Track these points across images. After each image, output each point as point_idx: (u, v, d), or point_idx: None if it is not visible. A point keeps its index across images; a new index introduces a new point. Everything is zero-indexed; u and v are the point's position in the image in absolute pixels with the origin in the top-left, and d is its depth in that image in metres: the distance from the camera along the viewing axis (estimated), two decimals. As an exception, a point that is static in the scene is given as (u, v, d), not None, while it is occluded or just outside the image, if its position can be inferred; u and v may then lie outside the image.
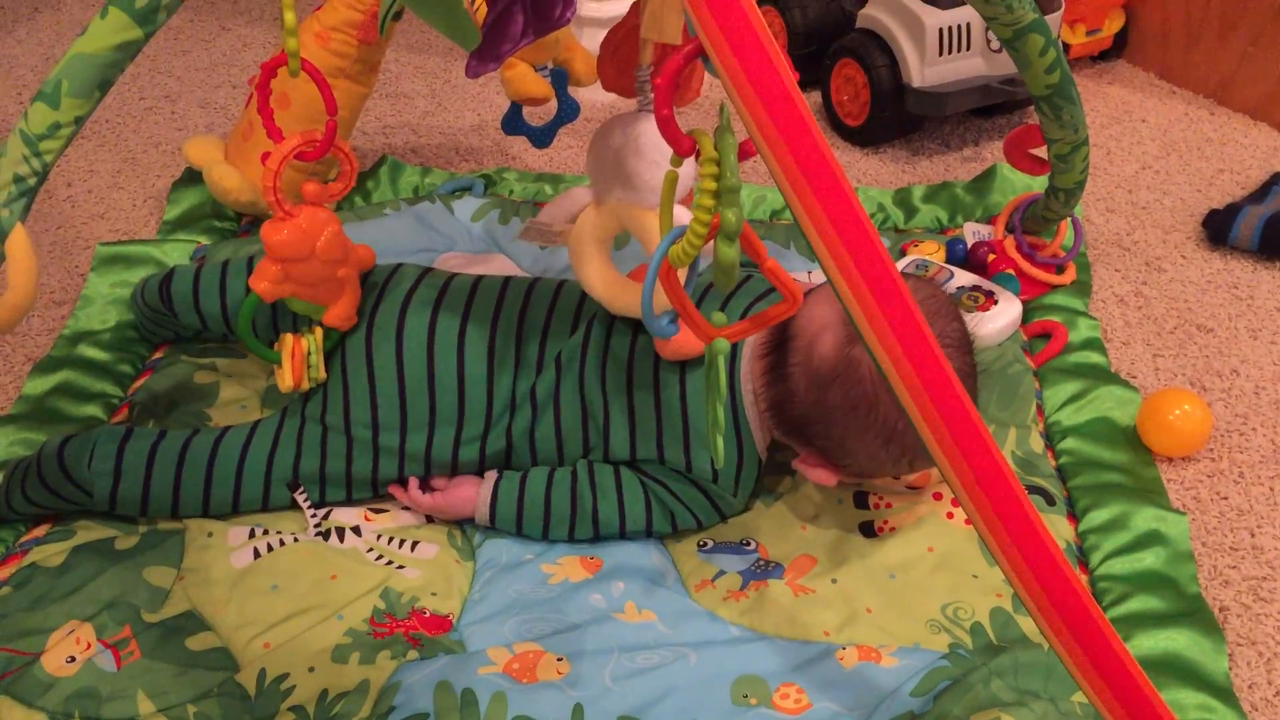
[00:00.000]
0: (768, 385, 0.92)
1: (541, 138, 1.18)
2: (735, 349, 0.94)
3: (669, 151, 0.82)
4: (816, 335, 0.89)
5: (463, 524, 0.98)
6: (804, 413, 0.90)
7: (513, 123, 1.19)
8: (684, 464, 0.93)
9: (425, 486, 0.97)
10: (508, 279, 1.01)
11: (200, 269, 1.10)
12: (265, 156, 1.33)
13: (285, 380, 0.92)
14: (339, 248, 0.92)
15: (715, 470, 0.92)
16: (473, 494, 0.95)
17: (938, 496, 0.98)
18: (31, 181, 0.80)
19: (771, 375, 0.92)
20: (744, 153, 0.70)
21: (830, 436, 0.90)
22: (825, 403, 0.88)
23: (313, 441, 0.95)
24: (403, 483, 0.97)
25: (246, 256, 1.10)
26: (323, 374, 0.94)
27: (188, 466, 0.94)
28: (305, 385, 0.94)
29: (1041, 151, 1.20)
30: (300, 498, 0.95)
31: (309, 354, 0.93)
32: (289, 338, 0.93)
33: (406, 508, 0.98)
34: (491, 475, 0.96)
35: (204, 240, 1.32)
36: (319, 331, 0.94)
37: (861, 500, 0.99)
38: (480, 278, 1.01)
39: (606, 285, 0.91)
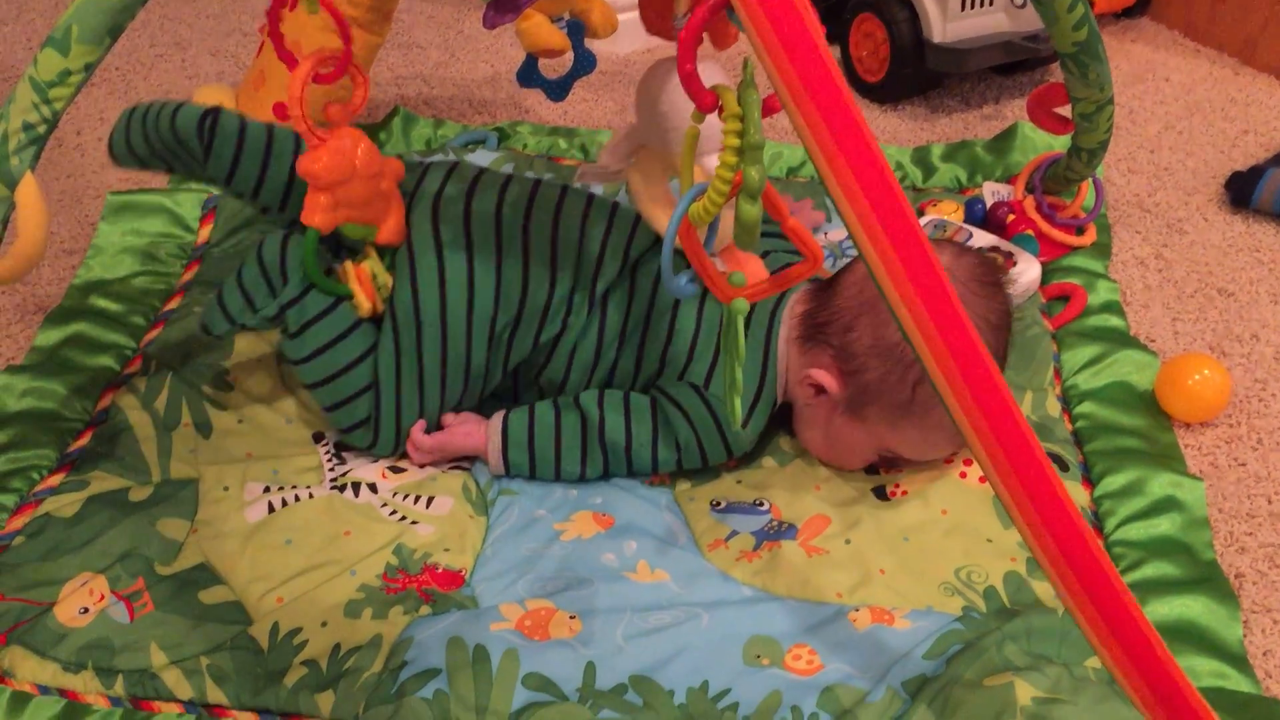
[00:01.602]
0: (809, 298, 0.95)
1: (557, 90, 1.17)
2: (782, 296, 0.97)
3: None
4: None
5: (477, 478, 0.98)
6: (839, 305, 0.93)
7: (528, 75, 1.17)
8: (704, 379, 0.94)
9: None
10: (564, 191, 1.00)
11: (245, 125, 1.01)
12: (278, 106, 1.32)
13: (363, 306, 0.94)
14: (375, 160, 0.92)
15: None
16: (476, 429, 0.96)
17: (948, 460, 0.98)
18: (41, 129, 0.80)
19: (815, 288, 0.95)
20: (768, 108, 0.68)
21: (851, 329, 0.91)
22: (862, 292, 0.91)
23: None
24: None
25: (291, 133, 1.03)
26: (388, 280, 0.94)
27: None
28: (381, 305, 0.95)
29: (1065, 110, 1.18)
30: (323, 452, 0.95)
31: (374, 276, 0.94)
32: (350, 266, 0.94)
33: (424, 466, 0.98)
34: (498, 413, 0.97)
35: (215, 190, 1.31)
36: (371, 251, 0.94)
37: (873, 469, 0.98)
38: (539, 181, 1.01)
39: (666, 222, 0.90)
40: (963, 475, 0.96)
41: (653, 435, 0.94)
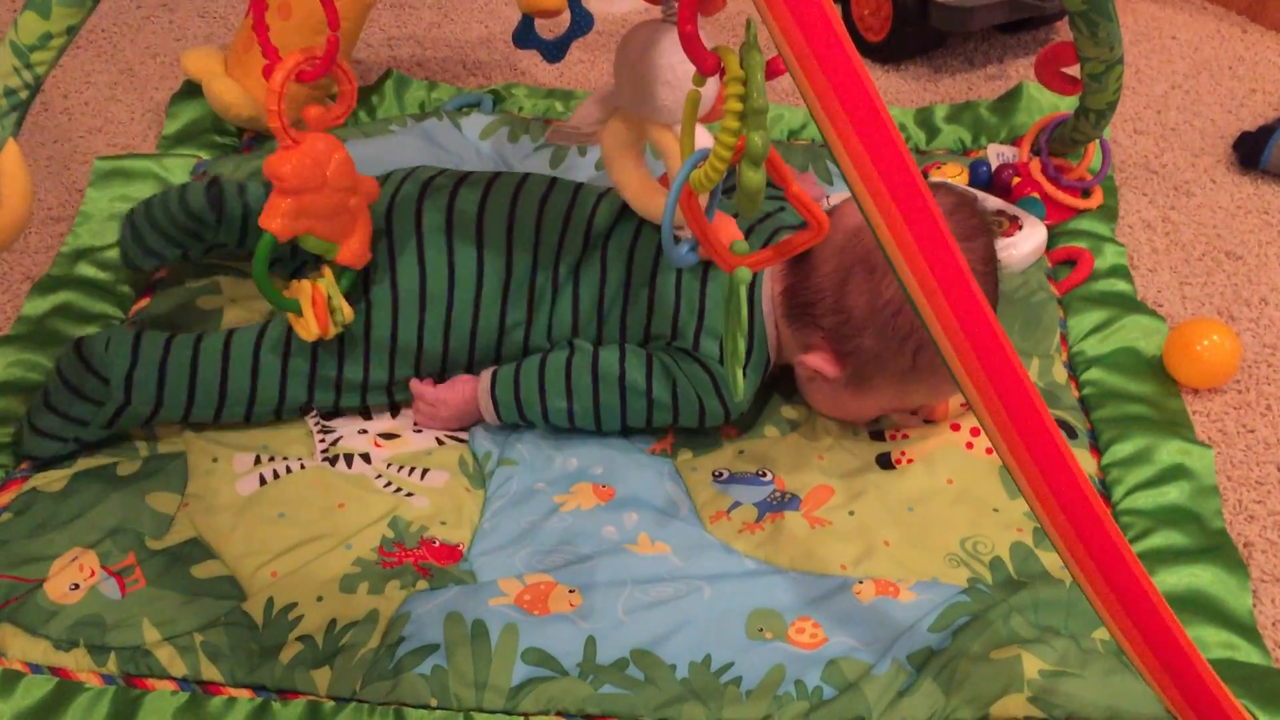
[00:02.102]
0: (784, 274, 0.93)
1: (553, 52, 1.14)
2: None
3: (685, 72, 0.79)
4: (841, 211, 0.91)
5: (475, 450, 0.96)
6: (819, 285, 0.90)
7: (524, 36, 1.14)
8: (692, 343, 0.92)
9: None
10: (525, 176, 0.99)
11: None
12: (267, 70, 1.29)
13: (310, 329, 0.88)
14: (348, 174, 0.88)
15: (721, 355, 0.91)
16: (470, 378, 0.96)
17: (955, 427, 0.96)
18: (23, 94, 0.77)
19: (794, 259, 0.91)
20: (771, 71, 0.66)
21: (841, 309, 0.89)
22: (842, 267, 0.89)
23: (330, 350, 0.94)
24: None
25: (244, 176, 1.05)
26: (349, 314, 0.90)
27: (203, 356, 0.92)
28: (331, 332, 0.90)
29: (1073, 70, 1.15)
30: (311, 421, 0.94)
31: (329, 298, 0.89)
32: (306, 284, 0.88)
33: (418, 431, 0.96)
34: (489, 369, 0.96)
35: (205, 155, 1.28)
36: (328, 272, 0.90)
37: (878, 434, 0.97)
38: (497, 174, 0.99)
39: (637, 190, 0.88)
40: (969, 446, 0.94)
41: (647, 370, 0.92)
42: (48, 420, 0.91)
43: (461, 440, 0.97)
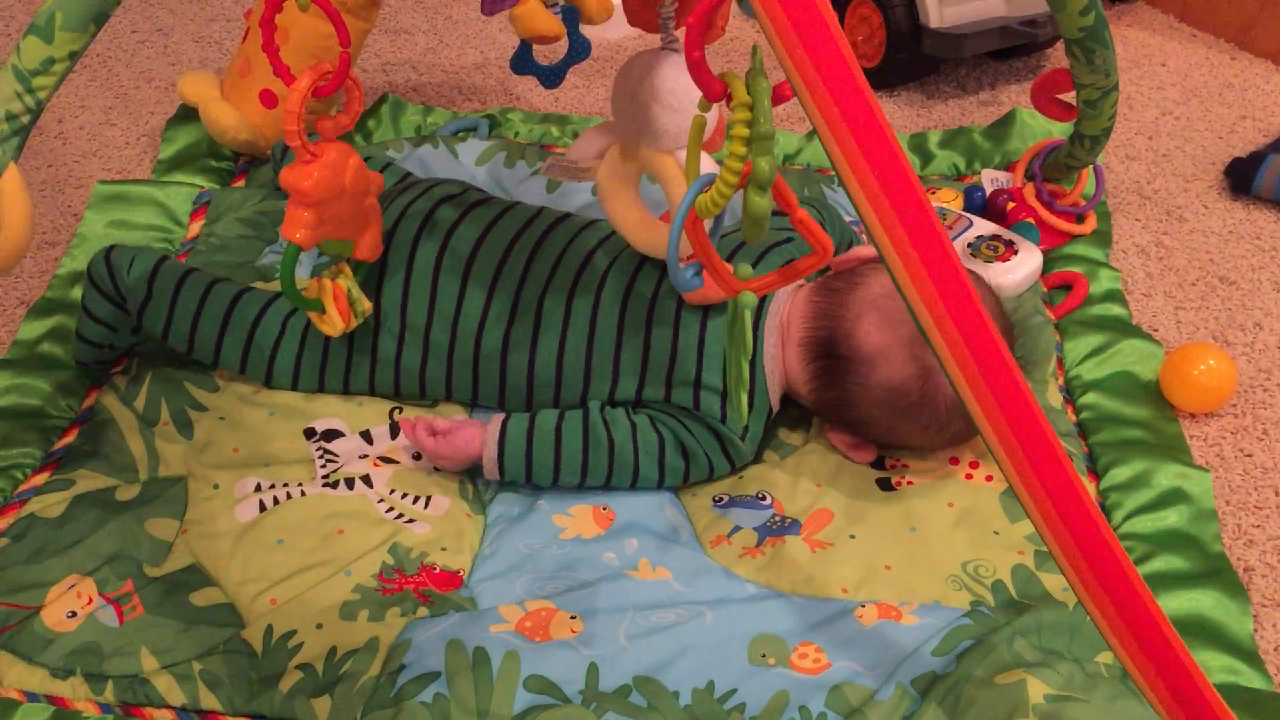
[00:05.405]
0: (820, 388, 0.94)
1: (551, 78, 1.14)
2: (762, 300, 0.93)
3: (688, 97, 0.79)
4: (876, 360, 0.91)
5: (474, 476, 0.95)
6: (862, 419, 0.94)
7: (522, 62, 1.14)
8: (692, 402, 0.91)
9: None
10: (528, 219, 1.00)
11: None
12: (264, 93, 1.29)
13: (335, 325, 0.90)
14: (364, 179, 0.89)
15: (723, 411, 0.91)
16: (476, 435, 0.92)
17: (954, 461, 0.96)
18: (25, 120, 0.77)
19: (823, 381, 0.93)
20: (778, 97, 0.66)
21: (888, 435, 0.94)
22: (889, 419, 0.92)
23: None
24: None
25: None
26: (368, 307, 0.93)
27: (213, 297, 0.98)
28: (354, 324, 0.92)
29: (1069, 96, 1.16)
30: (313, 445, 0.93)
31: (348, 290, 0.91)
32: (326, 282, 0.90)
33: (417, 455, 0.95)
34: (498, 417, 0.93)
35: (203, 183, 1.28)
36: (345, 268, 0.92)
37: (879, 463, 0.97)
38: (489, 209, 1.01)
39: (634, 224, 0.88)
40: (968, 477, 0.94)
41: (660, 446, 0.91)
42: (85, 325, 0.99)
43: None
